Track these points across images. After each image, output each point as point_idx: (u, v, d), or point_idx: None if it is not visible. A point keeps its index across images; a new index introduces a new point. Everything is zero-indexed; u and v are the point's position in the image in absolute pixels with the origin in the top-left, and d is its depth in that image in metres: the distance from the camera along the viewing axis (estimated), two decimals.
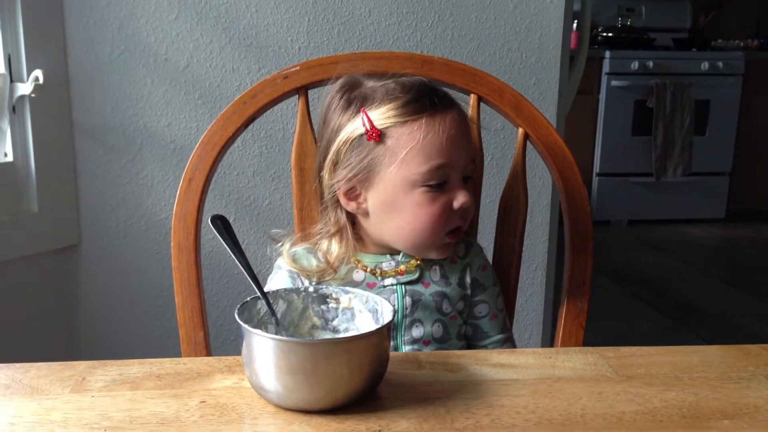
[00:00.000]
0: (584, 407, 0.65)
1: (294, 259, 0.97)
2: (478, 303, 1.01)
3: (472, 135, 1.03)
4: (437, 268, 0.99)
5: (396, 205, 0.93)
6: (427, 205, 0.92)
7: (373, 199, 0.94)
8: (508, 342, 1.04)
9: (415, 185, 0.91)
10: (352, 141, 0.93)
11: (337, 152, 0.95)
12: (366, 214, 0.96)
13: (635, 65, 4.22)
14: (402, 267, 0.97)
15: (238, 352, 0.74)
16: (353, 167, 0.93)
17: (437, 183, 0.92)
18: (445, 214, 0.93)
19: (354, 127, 0.93)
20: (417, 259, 0.98)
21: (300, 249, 0.99)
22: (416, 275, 0.97)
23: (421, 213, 0.92)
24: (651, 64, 4.23)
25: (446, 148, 0.92)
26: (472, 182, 0.99)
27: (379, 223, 0.96)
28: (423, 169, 0.91)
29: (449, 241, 0.97)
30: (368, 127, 0.92)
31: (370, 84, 0.97)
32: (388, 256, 0.98)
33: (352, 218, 0.98)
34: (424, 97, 0.93)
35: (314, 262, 0.97)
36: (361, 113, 0.93)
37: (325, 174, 0.96)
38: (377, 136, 0.91)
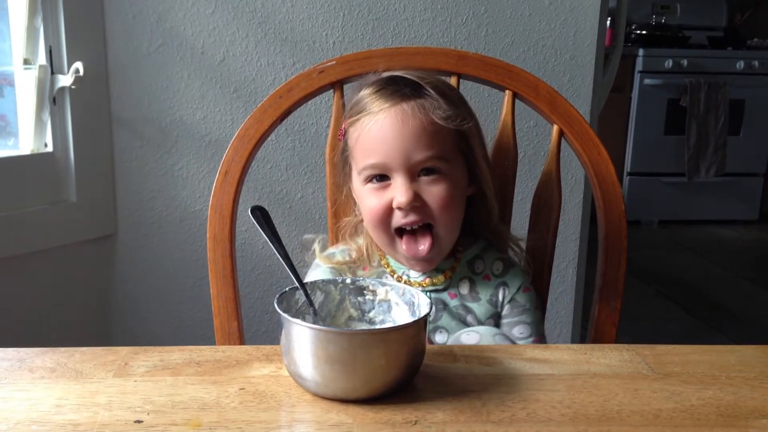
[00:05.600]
0: (620, 404, 0.65)
1: (329, 257, 1.00)
2: (516, 324, 0.99)
3: (443, 127, 0.92)
4: (467, 282, 0.99)
5: (359, 200, 0.97)
6: (369, 201, 0.93)
7: (355, 194, 0.99)
8: None
9: (362, 181, 0.94)
10: (338, 139, 0.99)
11: (338, 151, 1.01)
12: None
13: (669, 63, 4.16)
14: (427, 279, 0.97)
15: (271, 343, 0.76)
16: (340, 162, 0.99)
17: (377, 179, 0.92)
18: (384, 211, 0.92)
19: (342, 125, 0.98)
20: (446, 274, 0.98)
21: (334, 249, 1.02)
22: (443, 286, 0.98)
23: (366, 209, 0.94)
24: (685, 62, 4.17)
25: (380, 145, 0.90)
26: (444, 178, 0.92)
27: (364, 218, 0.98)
28: (360, 166, 0.93)
29: (410, 255, 0.93)
30: (341, 127, 0.97)
31: (370, 80, 0.98)
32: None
33: None
34: (378, 92, 0.93)
35: (349, 257, 0.99)
36: None
37: (337, 168, 1.02)
38: (342, 135, 0.97)
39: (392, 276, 0.98)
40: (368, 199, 0.93)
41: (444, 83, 0.98)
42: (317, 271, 1.00)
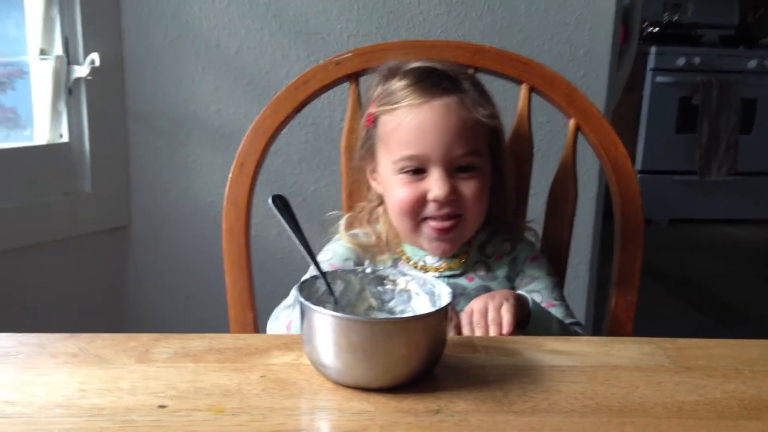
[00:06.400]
0: (643, 396, 0.65)
1: (353, 236, 1.01)
2: (529, 294, 0.99)
3: (480, 123, 0.95)
4: (482, 265, 1.00)
5: (386, 187, 0.97)
6: (401, 191, 0.94)
7: (380, 180, 0.99)
8: (576, 326, 1.00)
9: (394, 171, 0.94)
10: (363, 123, 0.99)
11: (360, 132, 1.01)
12: (382, 194, 1.00)
13: (681, 61, 4.14)
14: (444, 264, 0.98)
15: None
16: (363, 148, 0.99)
17: (412, 170, 0.93)
18: (417, 202, 0.93)
19: (368, 111, 0.98)
20: (461, 259, 0.99)
21: (358, 231, 1.03)
22: (460, 270, 0.98)
23: (395, 198, 0.94)
24: (697, 60, 4.15)
25: (420, 138, 0.91)
26: (479, 173, 0.94)
27: (387, 205, 0.99)
28: (396, 157, 0.93)
29: (436, 236, 0.94)
30: (368, 112, 0.97)
31: (402, 68, 0.98)
32: None
33: (382, 199, 1.02)
34: (417, 84, 0.93)
35: (372, 239, 1.01)
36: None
37: (356, 152, 1.02)
38: (371, 122, 0.96)
39: (408, 263, 0.99)
40: (399, 190, 0.93)
41: (473, 77, 1.00)
42: (335, 245, 1.01)
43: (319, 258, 1.01)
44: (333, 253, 1.01)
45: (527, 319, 0.89)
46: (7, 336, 0.72)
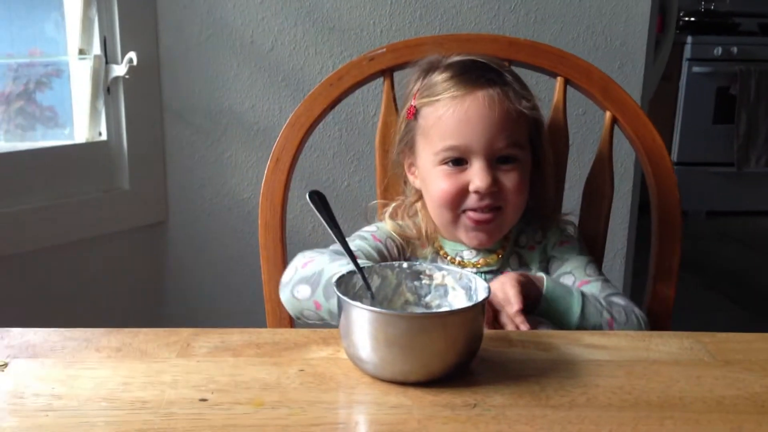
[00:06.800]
0: (682, 390, 0.65)
1: (398, 224, 1.02)
2: (560, 276, 0.99)
3: (522, 115, 0.95)
4: (516, 257, 1.00)
5: (425, 180, 0.97)
6: (442, 183, 0.93)
7: (418, 173, 0.99)
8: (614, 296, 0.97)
9: (435, 163, 0.94)
10: (404, 116, 0.99)
11: (399, 126, 1.01)
12: (420, 188, 1.00)
13: (718, 51, 4.06)
14: (481, 259, 0.98)
15: (319, 328, 0.77)
16: (402, 141, 0.99)
17: (453, 162, 0.93)
18: (458, 193, 0.93)
19: (408, 103, 0.98)
20: (498, 254, 0.99)
21: (404, 222, 1.03)
22: (497, 266, 0.98)
23: (436, 190, 0.94)
24: (735, 50, 4.06)
25: (463, 129, 0.91)
26: (520, 165, 0.94)
27: (425, 198, 0.99)
28: (437, 148, 0.93)
29: (474, 226, 0.95)
30: (409, 105, 0.97)
31: (444, 62, 0.98)
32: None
33: (420, 194, 1.02)
34: (460, 76, 0.93)
35: (413, 232, 1.01)
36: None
37: (394, 145, 1.02)
38: (412, 114, 0.96)
39: (446, 258, 0.99)
40: (440, 181, 0.94)
41: (512, 71, 1.00)
42: (381, 224, 1.03)
43: (365, 229, 1.03)
44: (378, 228, 1.02)
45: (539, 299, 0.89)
46: (53, 331, 0.74)
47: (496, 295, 0.85)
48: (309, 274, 0.88)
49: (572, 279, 0.98)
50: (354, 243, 0.98)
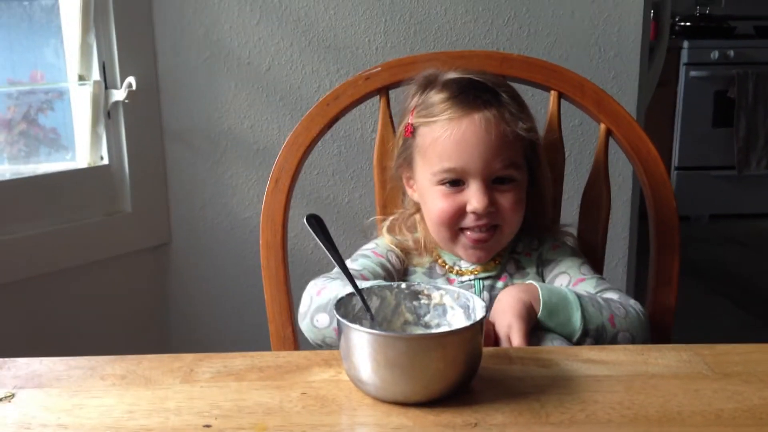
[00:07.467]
0: (681, 404, 0.65)
1: (396, 239, 1.04)
2: (556, 277, 1.01)
3: (517, 136, 0.96)
4: (513, 262, 1.02)
5: (423, 197, 0.99)
6: (439, 203, 0.95)
7: (417, 188, 1.01)
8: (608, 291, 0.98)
9: (433, 182, 0.95)
10: (401, 132, 1.01)
11: (397, 140, 1.03)
12: (418, 201, 1.02)
13: (715, 55, 4.08)
14: (480, 266, 1.00)
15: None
16: (400, 156, 1.01)
17: (451, 183, 0.94)
18: (456, 213, 0.95)
19: (406, 119, 1.00)
20: (495, 261, 1.00)
21: (402, 237, 1.05)
22: (495, 273, 1.00)
23: (434, 209, 0.96)
24: (732, 53, 4.08)
25: (460, 151, 0.92)
26: (516, 185, 0.96)
27: (424, 213, 1.01)
28: (435, 169, 0.95)
29: (473, 245, 0.96)
30: (407, 122, 0.98)
31: (441, 78, 0.99)
32: None
33: (419, 206, 1.03)
34: (456, 97, 0.95)
35: (411, 244, 1.03)
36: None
37: (393, 159, 1.04)
38: (410, 132, 0.98)
39: (443, 267, 1.01)
40: (438, 201, 0.95)
41: (510, 87, 1.01)
42: (380, 240, 1.05)
43: (365, 247, 1.05)
44: (377, 244, 1.04)
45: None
46: (59, 360, 0.75)
47: (500, 331, 0.86)
48: (324, 302, 0.90)
49: (568, 278, 1.00)
50: (358, 262, 0.99)
